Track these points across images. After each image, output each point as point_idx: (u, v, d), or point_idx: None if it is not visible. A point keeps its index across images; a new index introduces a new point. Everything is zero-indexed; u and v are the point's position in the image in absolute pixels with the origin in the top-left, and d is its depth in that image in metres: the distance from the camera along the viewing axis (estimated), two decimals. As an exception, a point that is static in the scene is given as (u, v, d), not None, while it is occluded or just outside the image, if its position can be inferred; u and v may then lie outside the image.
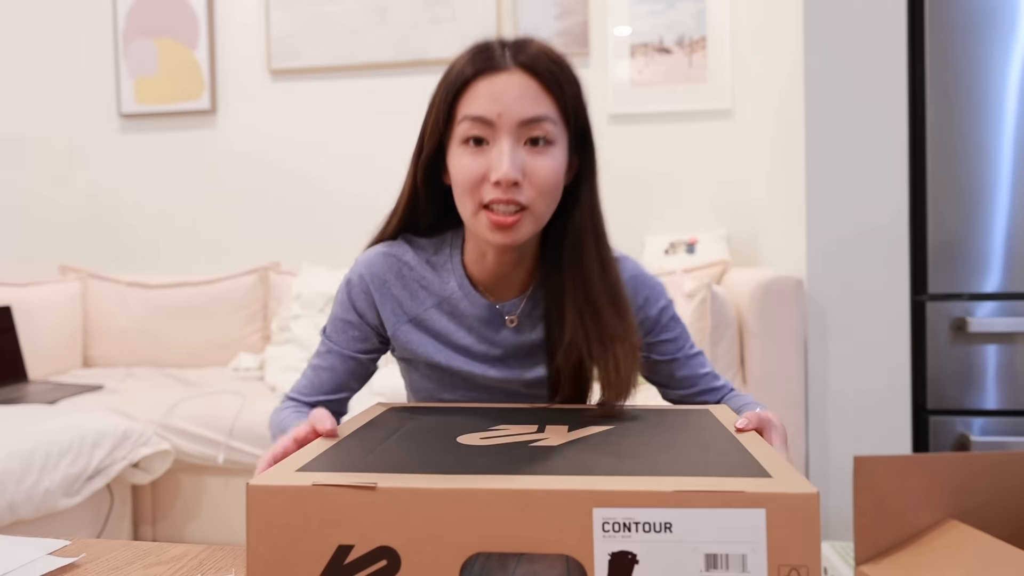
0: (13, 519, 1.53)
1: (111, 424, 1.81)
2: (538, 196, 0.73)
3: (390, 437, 0.61)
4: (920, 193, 1.77)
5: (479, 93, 0.72)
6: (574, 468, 0.50)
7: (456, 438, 0.60)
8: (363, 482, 0.48)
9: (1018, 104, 1.71)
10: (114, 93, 2.99)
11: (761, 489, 0.45)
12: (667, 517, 0.45)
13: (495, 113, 0.71)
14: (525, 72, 0.72)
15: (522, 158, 0.71)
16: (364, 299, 0.83)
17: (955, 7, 1.72)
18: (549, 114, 0.73)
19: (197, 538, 2.02)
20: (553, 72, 0.73)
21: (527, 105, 0.71)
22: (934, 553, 0.70)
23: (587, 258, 0.78)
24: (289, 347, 2.37)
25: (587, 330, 0.76)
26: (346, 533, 0.47)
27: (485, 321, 0.82)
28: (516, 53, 0.73)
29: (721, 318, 1.79)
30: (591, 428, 0.64)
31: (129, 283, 2.72)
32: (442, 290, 0.82)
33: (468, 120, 0.72)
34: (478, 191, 0.72)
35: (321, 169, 2.86)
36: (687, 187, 2.63)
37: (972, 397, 1.73)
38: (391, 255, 0.83)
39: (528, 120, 0.71)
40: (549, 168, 0.72)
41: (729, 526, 0.44)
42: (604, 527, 0.45)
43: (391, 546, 0.47)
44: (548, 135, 0.72)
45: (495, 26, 2.68)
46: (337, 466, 0.52)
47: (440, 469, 0.50)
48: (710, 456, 0.54)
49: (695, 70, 2.58)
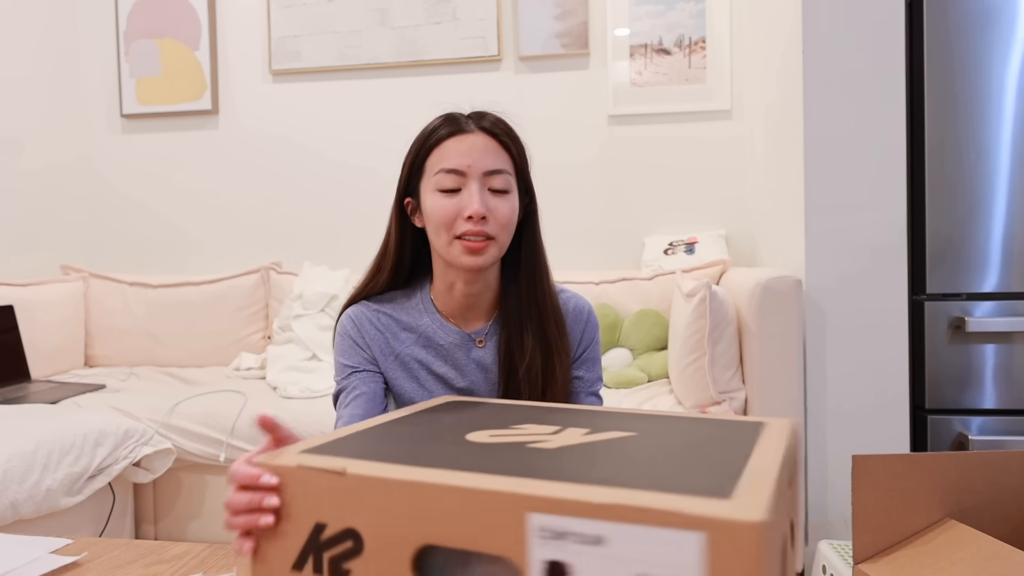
0: (15, 518, 1.54)
1: (113, 423, 1.82)
2: (500, 229, 0.91)
3: (414, 427, 0.64)
4: (919, 193, 1.78)
5: (451, 150, 0.91)
6: (535, 471, 0.48)
7: (466, 435, 0.60)
8: (335, 467, 0.52)
9: (1016, 104, 1.71)
10: (116, 93, 2.99)
11: (701, 511, 0.40)
12: (600, 530, 0.42)
13: (465, 165, 0.90)
14: (487, 135, 0.92)
15: (487, 199, 0.90)
16: (357, 333, 0.98)
17: (954, 7, 1.72)
18: (506, 168, 0.93)
19: (198, 537, 2.03)
20: (508, 135, 0.94)
21: (490, 159, 0.91)
22: (932, 552, 0.71)
23: (539, 282, 0.97)
24: (290, 347, 2.38)
25: (537, 342, 0.95)
26: (322, 512, 0.52)
27: (457, 346, 0.97)
28: (479, 120, 0.93)
29: (720, 318, 1.79)
30: (611, 433, 0.61)
31: (131, 283, 2.73)
32: (418, 326, 0.98)
33: (443, 172, 0.91)
34: (452, 226, 0.90)
35: (322, 169, 2.86)
36: (686, 187, 2.63)
37: (970, 396, 1.73)
38: (368, 308, 1.00)
39: (491, 171, 0.91)
40: (507, 209, 0.92)
41: (664, 548, 0.40)
42: (540, 533, 0.44)
43: (356, 528, 0.51)
44: (506, 185, 0.92)
45: (495, 27, 2.68)
46: (340, 450, 0.55)
47: (419, 461, 0.52)
48: (694, 469, 0.49)
49: (694, 71, 2.58)
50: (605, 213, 2.69)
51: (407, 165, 0.96)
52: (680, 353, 1.90)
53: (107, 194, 3.03)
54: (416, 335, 0.97)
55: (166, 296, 2.69)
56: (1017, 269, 1.72)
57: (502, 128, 0.94)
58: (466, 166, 0.90)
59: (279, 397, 2.10)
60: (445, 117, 0.94)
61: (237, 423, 1.95)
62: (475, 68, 2.73)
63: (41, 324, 2.49)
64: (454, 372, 0.97)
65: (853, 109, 1.78)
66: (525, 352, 0.94)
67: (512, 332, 0.96)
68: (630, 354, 2.29)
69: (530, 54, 2.66)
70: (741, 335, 1.86)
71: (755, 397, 1.80)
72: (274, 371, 2.28)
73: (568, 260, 2.64)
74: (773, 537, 0.41)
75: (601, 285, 2.40)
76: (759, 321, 1.77)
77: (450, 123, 0.93)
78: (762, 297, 1.76)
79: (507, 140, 0.93)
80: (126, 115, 2.96)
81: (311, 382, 2.17)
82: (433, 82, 2.75)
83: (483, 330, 0.98)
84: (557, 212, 2.68)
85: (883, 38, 1.76)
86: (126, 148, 3.01)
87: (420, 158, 0.94)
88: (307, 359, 2.33)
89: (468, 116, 0.95)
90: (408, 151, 0.96)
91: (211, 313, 2.66)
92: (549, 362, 0.94)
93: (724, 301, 1.81)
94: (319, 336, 2.38)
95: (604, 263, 2.67)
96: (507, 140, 0.93)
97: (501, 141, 0.93)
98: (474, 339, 0.97)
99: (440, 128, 0.93)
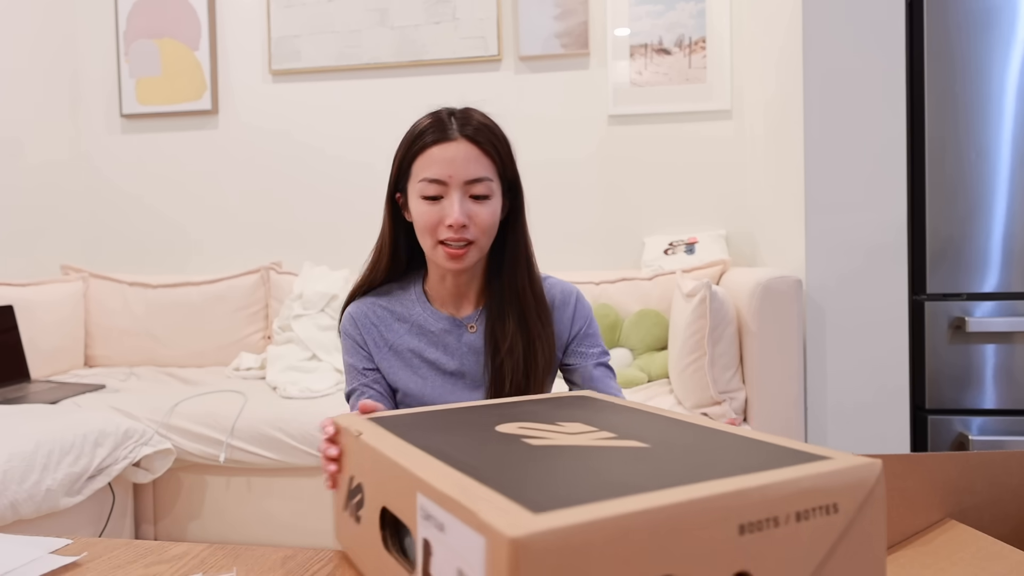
0: (15, 518, 1.54)
1: (113, 423, 1.82)
2: (480, 234, 0.97)
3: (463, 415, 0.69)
4: (919, 193, 1.78)
5: (434, 159, 0.95)
6: (470, 463, 0.51)
7: (496, 426, 0.64)
8: (355, 431, 0.63)
9: (1016, 104, 1.71)
10: (116, 93, 2.99)
11: (486, 516, 0.40)
12: (444, 519, 0.44)
13: (447, 175, 0.95)
14: (470, 142, 0.96)
15: (468, 206, 0.96)
16: (356, 331, 1.05)
17: (954, 7, 1.72)
18: (487, 174, 0.97)
19: (198, 537, 2.03)
20: (491, 140, 0.97)
21: (472, 168, 0.95)
22: (932, 552, 0.71)
23: (520, 274, 1.02)
24: (290, 347, 2.38)
25: (518, 329, 1.01)
26: (353, 467, 0.63)
27: (447, 331, 1.04)
28: (463, 125, 0.96)
29: (720, 318, 1.79)
30: (626, 442, 0.58)
31: (131, 283, 2.73)
32: (410, 316, 1.05)
33: (426, 181, 0.95)
34: (435, 232, 0.96)
35: (322, 169, 2.86)
36: (686, 187, 2.63)
37: (970, 396, 1.73)
38: (365, 303, 1.06)
39: (472, 180, 0.95)
40: (487, 214, 0.97)
41: (470, 546, 0.41)
42: (421, 512, 0.48)
43: (361, 483, 0.61)
44: (487, 190, 0.97)
45: (495, 26, 2.68)
46: (391, 422, 0.66)
47: (417, 442, 0.58)
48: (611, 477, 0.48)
49: (694, 71, 2.58)
50: (605, 213, 2.69)
51: (396, 164, 1.01)
52: (680, 353, 1.90)
53: (107, 194, 3.03)
54: (409, 324, 1.04)
55: (166, 296, 2.69)
56: (1017, 269, 1.72)
57: (485, 135, 0.97)
58: (448, 176, 0.95)
59: (279, 397, 2.10)
60: (432, 121, 0.98)
61: (237, 423, 1.95)
62: (475, 68, 2.73)
63: (41, 324, 2.49)
64: (444, 356, 1.03)
65: (853, 109, 1.78)
66: (507, 337, 1.00)
67: (495, 319, 1.02)
68: (630, 354, 2.29)
69: (530, 54, 2.66)
70: (741, 335, 1.86)
71: (755, 397, 1.80)
72: (274, 371, 2.28)
73: (568, 260, 2.64)
74: (557, 560, 0.38)
75: (601, 285, 2.40)
76: (759, 321, 1.77)
77: (435, 129, 0.96)
78: (762, 297, 1.76)
79: (489, 147, 0.97)
80: (126, 115, 2.96)
81: (311, 382, 2.17)
82: (433, 82, 2.75)
83: (473, 316, 1.05)
84: (557, 212, 2.68)
85: (883, 38, 1.76)
86: (126, 148, 3.01)
87: (407, 161, 0.99)
88: (307, 359, 2.33)
89: (453, 116, 0.98)
90: (397, 149, 1.01)
91: (211, 313, 2.66)
92: (531, 348, 1.01)
93: (724, 301, 1.81)
94: (319, 336, 2.38)
95: (604, 263, 2.67)
96: (489, 147, 0.97)
97: (484, 149, 0.97)
98: (465, 325, 1.04)
99: (426, 134, 0.97)
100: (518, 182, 1.03)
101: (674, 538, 0.42)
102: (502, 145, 1.00)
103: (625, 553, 0.40)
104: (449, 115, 0.98)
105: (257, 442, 1.94)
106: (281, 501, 2.00)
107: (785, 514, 0.45)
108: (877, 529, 0.49)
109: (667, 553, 0.42)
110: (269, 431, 1.94)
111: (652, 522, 0.41)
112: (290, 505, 2.00)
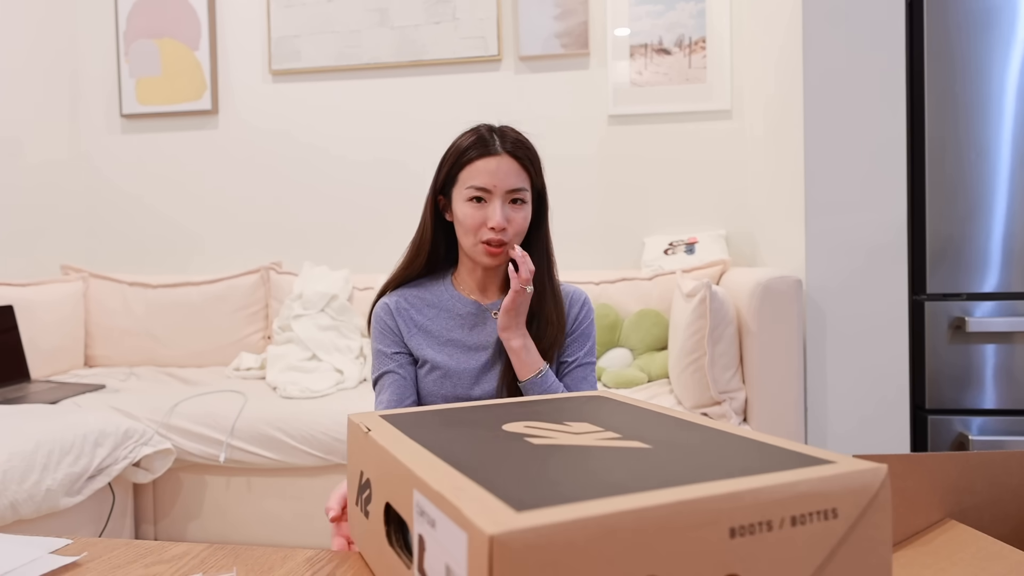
0: (15, 518, 1.54)
1: (113, 423, 1.82)
2: (515, 235, 1.13)
3: (476, 413, 0.71)
4: (919, 193, 1.78)
5: (480, 170, 1.11)
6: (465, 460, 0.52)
7: (503, 424, 0.65)
8: (364, 426, 0.64)
9: (1016, 104, 1.71)
10: (116, 93, 2.99)
11: (468, 512, 0.40)
12: (435, 515, 0.45)
13: (492, 184, 1.11)
14: (511, 156, 1.12)
15: (507, 212, 1.12)
16: (388, 315, 1.19)
17: (954, 7, 1.72)
18: (524, 185, 1.13)
19: (198, 537, 2.03)
20: (527, 155, 1.14)
21: (512, 179, 1.12)
22: (932, 552, 0.70)
23: (540, 267, 1.18)
24: (290, 347, 2.38)
25: (534, 315, 1.16)
26: (361, 462, 0.64)
27: (473, 315, 1.19)
28: (503, 141, 1.13)
29: (720, 318, 1.79)
30: (629, 442, 0.57)
31: (131, 283, 2.73)
32: (439, 301, 1.20)
33: (473, 188, 1.11)
34: (478, 232, 1.12)
35: (322, 169, 2.86)
36: (686, 187, 2.63)
37: (970, 396, 1.73)
38: (399, 293, 1.21)
39: (512, 190, 1.12)
40: (522, 219, 1.14)
41: (458, 540, 0.41)
42: (416, 508, 0.49)
43: (369, 478, 0.62)
44: (523, 198, 1.13)
45: (495, 26, 2.68)
46: (399, 419, 0.67)
47: (419, 438, 0.59)
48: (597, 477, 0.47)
49: (694, 71, 2.58)
50: (605, 213, 2.69)
51: (442, 172, 1.16)
52: (680, 353, 1.90)
53: (107, 194, 3.03)
54: (438, 309, 1.19)
55: (166, 296, 2.69)
56: (1017, 269, 1.72)
57: (523, 151, 1.13)
58: (492, 186, 1.11)
59: (279, 397, 2.10)
60: (476, 138, 1.13)
61: (237, 423, 1.95)
62: (475, 68, 2.73)
63: (41, 324, 2.49)
64: (470, 335, 1.18)
65: (853, 109, 1.78)
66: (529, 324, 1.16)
67: None
68: (630, 354, 2.29)
69: (530, 54, 2.66)
70: (741, 335, 1.86)
71: (755, 397, 1.80)
72: (274, 371, 2.28)
73: (568, 260, 2.64)
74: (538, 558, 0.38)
75: (601, 285, 2.40)
76: (759, 321, 1.77)
77: (480, 145, 1.12)
78: (762, 297, 1.76)
79: (527, 161, 1.14)
80: (126, 115, 2.96)
81: (311, 382, 2.17)
82: (433, 82, 2.75)
83: (497, 303, 1.19)
84: (557, 212, 2.67)
85: (883, 37, 1.76)
86: (126, 148, 3.01)
87: (454, 170, 1.14)
88: (307, 359, 2.33)
89: (493, 132, 1.14)
90: (443, 159, 1.16)
91: (211, 313, 2.66)
92: (544, 333, 1.16)
93: (724, 301, 1.81)
94: (319, 336, 2.38)
95: (604, 263, 2.67)
96: (527, 161, 1.14)
97: (522, 163, 1.13)
98: (489, 311, 1.19)
99: (472, 149, 1.13)
100: (545, 190, 1.18)
101: (660, 539, 0.42)
102: (535, 159, 1.16)
103: (609, 552, 0.40)
104: (489, 131, 1.14)
105: (257, 442, 1.94)
106: (281, 501, 2.00)
107: (779, 518, 0.45)
108: (881, 535, 0.48)
109: (653, 554, 0.41)
110: (269, 431, 1.94)
111: (637, 522, 0.41)
112: (290, 505, 2.00)
